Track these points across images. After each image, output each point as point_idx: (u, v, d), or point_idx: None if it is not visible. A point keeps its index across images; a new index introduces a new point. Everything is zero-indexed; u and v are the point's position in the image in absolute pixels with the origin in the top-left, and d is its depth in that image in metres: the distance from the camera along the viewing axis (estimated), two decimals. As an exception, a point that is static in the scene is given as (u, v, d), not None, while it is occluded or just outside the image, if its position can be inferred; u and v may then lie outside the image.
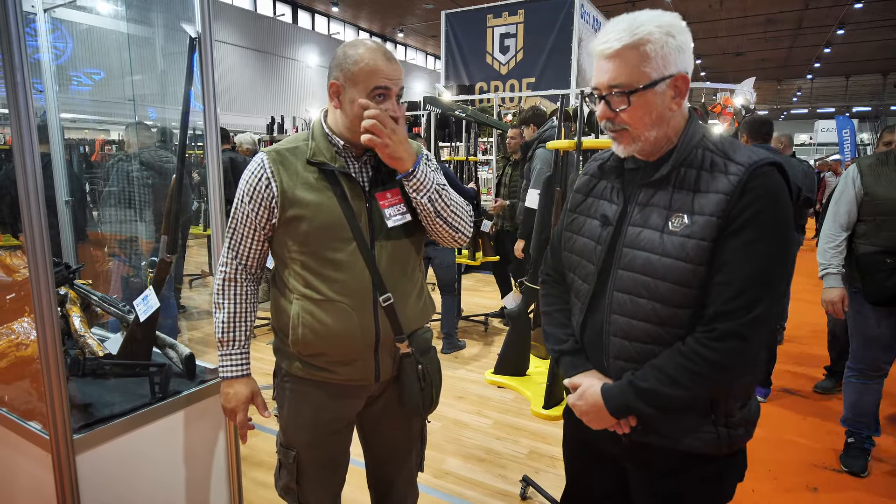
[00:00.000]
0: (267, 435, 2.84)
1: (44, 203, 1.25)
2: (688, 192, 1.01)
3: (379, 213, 1.30)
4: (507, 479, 2.48)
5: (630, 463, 1.18)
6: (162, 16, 2.20)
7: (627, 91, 1.00)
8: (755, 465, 2.60)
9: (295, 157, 1.29)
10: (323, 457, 1.42)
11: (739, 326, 0.96)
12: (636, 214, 1.07)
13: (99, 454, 1.39)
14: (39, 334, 1.28)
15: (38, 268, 1.25)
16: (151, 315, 1.65)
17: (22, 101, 1.18)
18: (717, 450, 1.06)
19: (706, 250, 0.97)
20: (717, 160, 1.01)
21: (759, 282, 0.96)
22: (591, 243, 1.14)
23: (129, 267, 2.89)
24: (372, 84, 1.22)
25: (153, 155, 3.53)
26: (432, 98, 5.85)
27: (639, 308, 1.04)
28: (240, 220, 1.31)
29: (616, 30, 1.00)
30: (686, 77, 1.02)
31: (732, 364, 0.98)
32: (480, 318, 4.89)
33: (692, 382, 0.98)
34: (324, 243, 1.26)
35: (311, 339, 1.27)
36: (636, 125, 1.03)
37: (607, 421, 1.08)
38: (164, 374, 1.55)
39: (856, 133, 16.30)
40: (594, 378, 1.12)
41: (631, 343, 1.06)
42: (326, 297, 1.26)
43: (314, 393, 1.35)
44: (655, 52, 0.98)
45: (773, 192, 0.97)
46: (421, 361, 1.36)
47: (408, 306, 1.35)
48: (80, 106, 3.75)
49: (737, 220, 0.96)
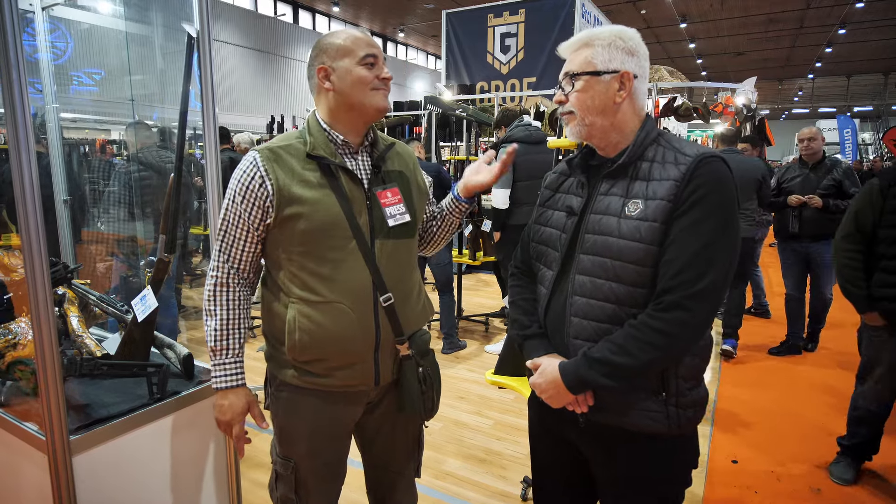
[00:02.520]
0: (266, 435, 2.82)
1: (40, 202, 1.23)
2: (643, 182, 1.12)
3: (379, 211, 1.29)
4: (507, 479, 2.47)
5: (586, 444, 1.23)
6: (161, 14, 2.19)
7: (574, 75, 1.15)
8: (758, 466, 2.60)
9: (290, 153, 1.25)
10: (322, 466, 1.38)
11: (684, 298, 1.04)
12: (597, 203, 1.17)
13: (96, 455, 1.37)
14: (36, 334, 1.26)
15: (35, 268, 1.24)
16: (149, 315, 1.64)
17: (18, 100, 1.16)
18: (668, 429, 1.12)
19: (658, 231, 1.07)
20: (669, 153, 1.12)
21: (702, 257, 1.04)
22: (556, 232, 1.24)
23: (127, 266, 2.88)
24: (361, 52, 1.26)
25: (153, 155, 3.52)
26: (433, 98, 5.85)
27: (598, 288, 1.13)
28: (231, 222, 1.26)
29: (582, 33, 1.17)
30: (630, 76, 1.13)
31: (677, 333, 1.04)
32: (481, 317, 4.88)
33: (640, 351, 1.05)
34: (322, 242, 1.23)
35: (308, 344, 1.23)
36: (580, 108, 1.15)
37: (566, 397, 1.15)
38: (162, 374, 1.54)
39: (857, 133, 16.28)
40: (554, 358, 1.19)
41: (589, 322, 1.14)
42: (324, 298, 1.23)
43: (311, 401, 1.31)
44: (602, 48, 1.13)
45: (717, 178, 1.06)
46: (421, 364, 1.34)
47: (408, 306, 1.33)
48: (81, 106, 3.74)
49: (685, 202, 1.06)
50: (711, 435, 2.92)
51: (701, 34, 19.82)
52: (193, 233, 5.64)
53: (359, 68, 1.25)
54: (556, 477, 1.35)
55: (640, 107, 1.17)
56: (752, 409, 3.26)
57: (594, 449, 1.23)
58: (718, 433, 2.95)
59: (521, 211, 3.65)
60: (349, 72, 1.25)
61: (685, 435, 1.17)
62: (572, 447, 1.27)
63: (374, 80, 1.26)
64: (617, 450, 1.18)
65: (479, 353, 4.21)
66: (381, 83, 1.28)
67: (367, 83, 1.26)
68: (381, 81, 1.28)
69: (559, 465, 1.33)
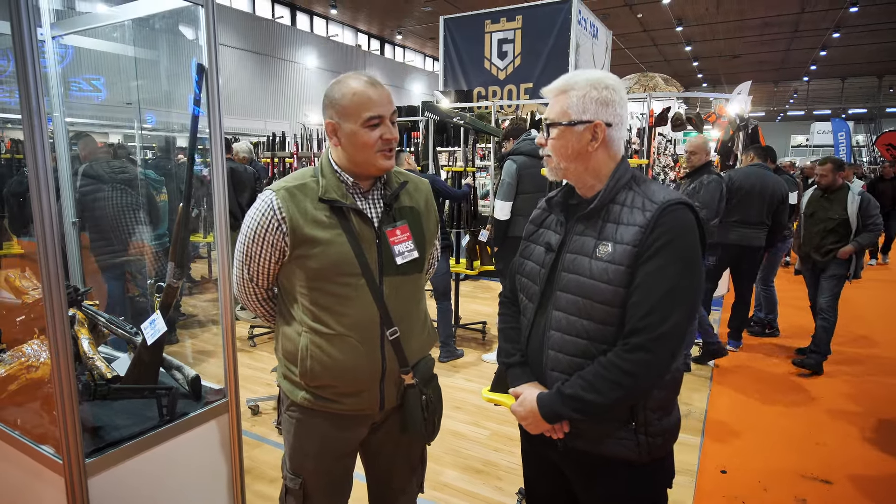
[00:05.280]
0: (270, 448, 2.88)
1: (59, 231, 1.28)
2: (613, 224, 1.18)
3: (388, 249, 1.34)
4: (503, 491, 2.53)
5: (567, 467, 1.32)
6: (169, 43, 2.24)
7: (550, 124, 1.22)
8: (746, 477, 2.67)
9: (304, 194, 1.32)
10: (328, 483, 1.46)
11: (647, 341, 1.10)
12: (573, 242, 1.24)
13: (110, 477, 1.43)
14: (53, 360, 1.32)
15: (52, 293, 1.26)
16: (158, 338, 1.69)
17: (37, 128, 1.18)
18: (639, 456, 1.20)
19: (625, 274, 1.13)
20: (638, 199, 1.18)
21: (667, 300, 1.10)
22: (536, 267, 1.31)
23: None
24: (365, 114, 1.27)
25: (102, 167, 3.43)
26: (430, 105, 5.89)
27: (571, 325, 1.20)
28: (252, 258, 1.36)
29: (562, 78, 1.23)
30: (603, 126, 1.19)
31: (642, 374, 1.11)
32: (478, 325, 4.94)
33: (608, 390, 1.12)
34: (332, 279, 1.30)
35: (319, 372, 1.32)
36: (555, 154, 1.23)
37: (542, 426, 1.23)
38: (171, 396, 1.60)
39: (851, 135, 16.40)
40: (533, 388, 1.26)
41: (564, 356, 1.21)
42: (336, 331, 1.30)
43: (320, 423, 1.39)
44: (577, 98, 1.19)
45: (680, 226, 1.13)
46: (424, 392, 1.41)
47: (413, 338, 1.39)
48: (81, 109, 3.76)
49: (650, 248, 1.12)
50: (701, 444, 2.99)
51: (697, 37, 19.92)
52: (193, 240, 5.69)
53: (363, 131, 1.28)
54: (544, 493, 1.44)
55: (616, 152, 1.23)
56: (741, 418, 3.33)
57: (574, 471, 1.32)
58: (709, 442, 3.03)
59: (521, 222, 3.73)
60: (354, 133, 1.28)
61: (657, 460, 1.24)
62: (556, 467, 1.36)
63: (379, 142, 1.30)
64: (594, 473, 1.27)
65: (476, 362, 4.26)
66: (384, 144, 1.30)
67: (370, 147, 1.29)
68: (385, 143, 1.30)
69: (547, 482, 1.42)
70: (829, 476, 2.69)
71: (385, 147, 1.31)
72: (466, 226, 4.62)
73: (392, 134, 1.31)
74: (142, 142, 4.01)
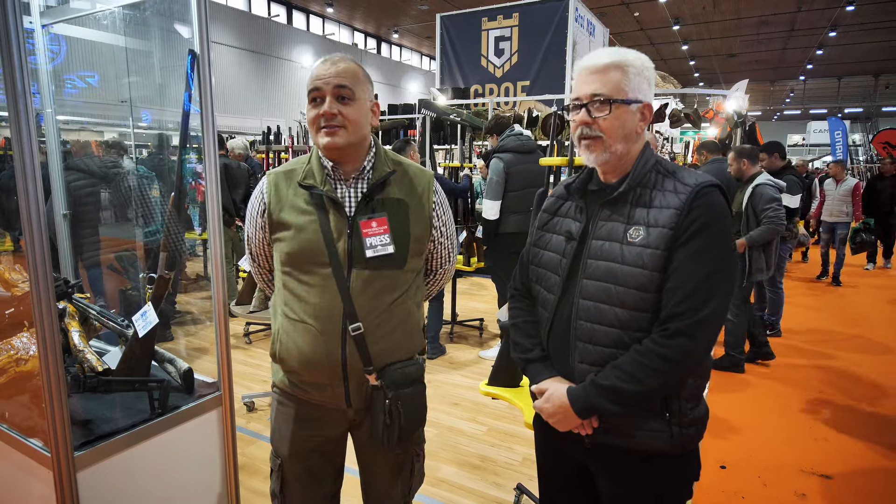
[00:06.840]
0: (265, 444, 2.85)
1: (45, 221, 1.26)
2: (644, 208, 1.14)
3: (359, 241, 1.27)
4: (501, 486, 2.51)
5: (594, 464, 1.26)
6: (160, 30, 2.21)
7: (610, 100, 1.13)
8: (745, 472, 2.66)
9: (289, 179, 1.33)
10: (304, 470, 1.42)
11: (688, 326, 1.06)
12: (599, 229, 1.18)
13: (100, 470, 1.41)
14: (41, 352, 1.29)
15: (40, 285, 1.25)
16: (150, 331, 1.67)
17: (23, 115, 1.17)
18: (672, 448, 1.15)
19: (661, 258, 1.09)
20: (669, 182, 1.14)
21: (706, 285, 1.06)
22: (556, 257, 1.25)
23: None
24: (308, 87, 1.26)
25: (94, 161, 3.50)
26: (427, 102, 5.88)
27: (602, 313, 1.14)
28: (249, 237, 1.43)
29: (605, 52, 1.16)
30: (651, 107, 1.17)
31: (682, 360, 1.07)
32: (475, 322, 4.92)
33: (648, 378, 1.07)
34: (301, 266, 1.29)
35: (285, 357, 1.33)
36: (610, 134, 1.15)
37: (573, 421, 1.17)
38: (163, 389, 1.57)
39: (847, 134, 16.44)
40: (559, 383, 1.20)
41: (594, 347, 1.15)
42: (299, 318, 1.30)
43: (294, 407, 1.40)
44: (634, 75, 1.13)
45: (715, 209, 1.10)
46: (389, 396, 1.30)
47: (382, 338, 1.30)
48: (75, 107, 3.74)
49: (686, 231, 1.08)
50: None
51: (693, 36, 19.93)
52: (188, 237, 5.64)
53: (308, 108, 1.26)
54: (563, 492, 1.37)
55: (645, 134, 1.20)
56: (740, 415, 3.32)
57: (600, 467, 1.25)
58: (708, 438, 3.00)
59: (511, 219, 3.71)
60: (308, 110, 1.27)
61: (688, 451, 1.19)
62: (578, 464, 1.29)
63: (319, 119, 1.23)
64: (622, 466, 1.20)
65: (473, 359, 4.24)
66: (325, 120, 1.23)
67: (312, 124, 1.26)
68: (325, 118, 1.22)
69: (565, 481, 1.35)
70: (829, 471, 2.68)
71: (326, 123, 1.23)
72: (463, 222, 4.60)
73: (330, 109, 1.21)
74: (136, 140, 4.01)
